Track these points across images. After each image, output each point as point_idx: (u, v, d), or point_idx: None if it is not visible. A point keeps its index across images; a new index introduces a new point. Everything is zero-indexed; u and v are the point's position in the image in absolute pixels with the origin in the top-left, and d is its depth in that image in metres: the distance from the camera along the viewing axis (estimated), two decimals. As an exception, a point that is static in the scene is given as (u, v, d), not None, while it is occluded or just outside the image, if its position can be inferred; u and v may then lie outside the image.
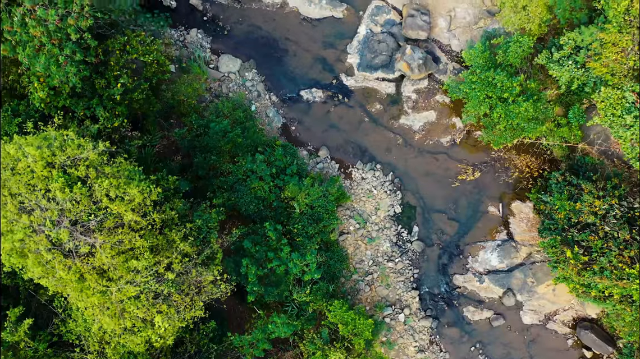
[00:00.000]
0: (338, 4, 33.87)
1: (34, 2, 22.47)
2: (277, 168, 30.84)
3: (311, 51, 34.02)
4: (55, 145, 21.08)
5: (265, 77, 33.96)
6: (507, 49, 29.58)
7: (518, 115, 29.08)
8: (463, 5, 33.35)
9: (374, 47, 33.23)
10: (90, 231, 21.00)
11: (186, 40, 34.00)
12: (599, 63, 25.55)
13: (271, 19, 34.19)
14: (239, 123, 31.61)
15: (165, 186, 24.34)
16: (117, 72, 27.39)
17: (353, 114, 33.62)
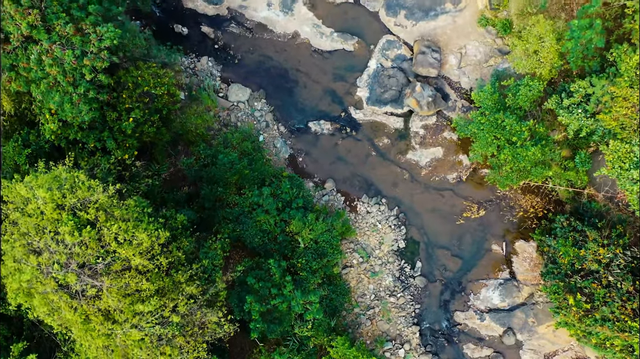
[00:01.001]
0: (349, 37, 33.94)
1: (52, 41, 22.55)
2: (283, 201, 30.93)
3: (321, 83, 34.10)
4: (65, 187, 21.17)
5: (274, 108, 34.06)
6: (517, 91, 29.67)
7: (525, 159, 29.15)
8: (474, 44, 33.43)
9: (384, 81, 33.31)
10: (97, 274, 21.09)
11: (196, 67, 34.10)
12: (609, 116, 25.63)
13: (282, 49, 34.28)
14: (247, 154, 31.71)
15: (173, 225, 24.40)
16: (129, 105, 27.50)
17: (360, 147, 33.70)
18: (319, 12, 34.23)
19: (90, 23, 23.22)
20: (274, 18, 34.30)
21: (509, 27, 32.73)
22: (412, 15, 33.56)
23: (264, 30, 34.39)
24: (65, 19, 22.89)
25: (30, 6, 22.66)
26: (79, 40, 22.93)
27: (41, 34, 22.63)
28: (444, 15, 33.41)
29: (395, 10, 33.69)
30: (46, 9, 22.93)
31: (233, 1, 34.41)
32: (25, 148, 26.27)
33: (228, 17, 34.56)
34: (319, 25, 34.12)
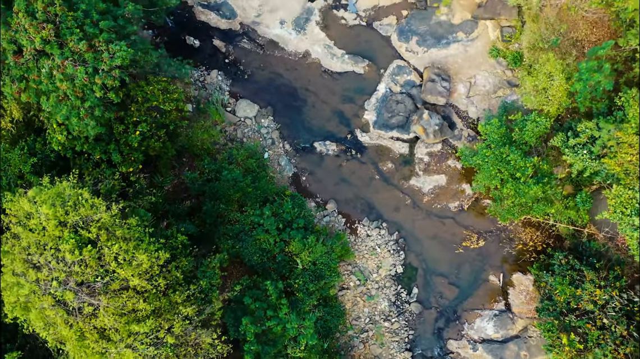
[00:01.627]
0: (360, 60, 34.02)
1: (64, 57, 22.67)
2: (284, 221, 31.04)
3: (329, 104, 34.19)
4: (69, 204, 21.29)
5: (281, 125, 34.17)
6: (523, 126, 29.70)
7: (527, 195, 29.19)
8: (484, 74, 33.48)
9: (392, 106, 33.39)
10: (95, 292, 21.22)
11: (206, 80, 34.22)
12: (614, 161, 25.66)
13: (293, 68, 34.38)
14: (251, 172, 31.82)
15: (174, 244, 24.52)
16: (137, 118, 27.63)
17: (364, 170, 33.80)
18: (331, 33, 34.32)
19: (104, 40, 23.34)
20: (286, 36, 34.40)
21: (519, 60, 32.78)
22: (424, 42, 33.63)
23: (275, 47, 34.49)
24: (79, 34, 23.01)
25: (45, 20, 22.79)
26: (91, 57, 23.05)
27: (54, 49, 22.77)
28: (455, 44, 33.47)
29: (408, 36, 33.75)
30: (60, 24, 23.05)
31: (246, 17, 34.51)
32: (31, 156, 26.40)
33: (240, 32, 34.68)
34: (330, 46, 34.22)
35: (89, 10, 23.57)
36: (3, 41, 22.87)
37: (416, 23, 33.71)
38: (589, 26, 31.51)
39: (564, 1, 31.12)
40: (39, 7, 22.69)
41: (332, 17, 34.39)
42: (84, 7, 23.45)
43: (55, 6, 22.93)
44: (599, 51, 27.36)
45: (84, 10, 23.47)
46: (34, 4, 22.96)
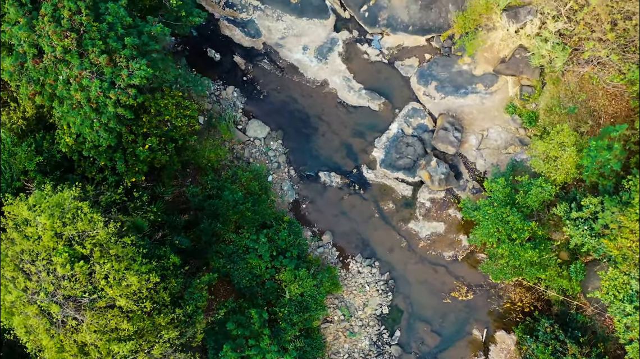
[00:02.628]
0: (377, 97, 34.00)
1: (83, 68, 22.67)
2: (278, 248, 31.09)
3: (340, 135, 34.19)
4: (67, 216, 21.32)
5: (289, 150, 34.18)
6: (528, 189, 29.68)
7: (522, 257, 29.21)
8: (497, 128, 33.45)
9: (401, 148, 33.38)
10: (81, 307, 21.26)
11: (221, 95, 34.22)
12: (613, 244, 25.66)
13: (309, 94, 34.37)
14: (252, 194, 31.83)
15: (166, 264, 24.55)
16: (147, 129, 27.64)
17: (365, 207, 33.80)
18: (352, 66, 34.30)
19: (125, 56, 23.32)
20: (306, 62, 34.39)
21: (534, 120, 32.74)
22: (443, 89, 33.61)
23: (294, 72, 34.48)
24: (100, 47, 23.00)
25: (69, 28, 22.78)
26: (110, 71, 23.04)
27: (74, 59, 22.76)
28: (473, 95, 33.44)
29: (427, 80, 33.73)
30: (84, 34, 23.04)
31: (270, 38, 34.50)
32: (38, 154, 26.43)
33: (262, 51, 34.66)
34: (349, 79, 34.20)
35: (114, 23, 23.55)
36: (25, 44, 22.86)
37: (437, 68, 33.67)
38: (608, 98, 31.51)
39: (586, 70, 31.12)
40: (65, 14, 22.67)
41: (355, 50, 34.37)
42: (110, 20, 23.43)
43: (82, 15, 22.91)
44: (611, 132, 27.36)
45: (109, 23, 23.46)
46: (61, 10, 22.94)
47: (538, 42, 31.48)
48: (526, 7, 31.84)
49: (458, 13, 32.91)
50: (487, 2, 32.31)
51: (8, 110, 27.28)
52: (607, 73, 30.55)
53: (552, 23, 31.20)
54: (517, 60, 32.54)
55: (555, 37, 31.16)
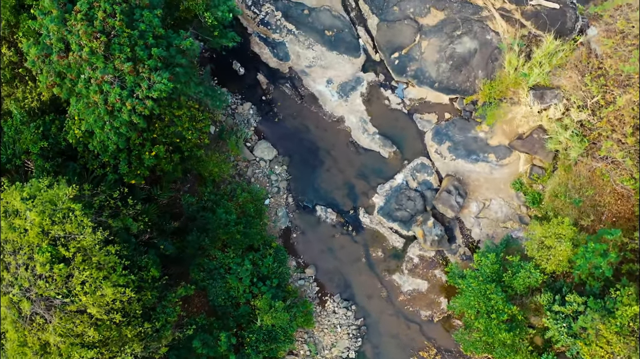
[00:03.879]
0: (389, 144, 34.00)
1: (106, 72, 22.70)
2: (260, 274, 31.13)
3: (345, 174, 34.20)
4: (57, 215, 21.38)
5: (291, 177, 34.20)
6: (517, 271, 29.65)
7: (495, 336, 29.18)
8: (500, 201, 33.43)
9: (402, 200, 33.37)
10: (51, 307, 21.33)
11: (237, 110, 34.25)
12: (588, 349, 25.62)
13: (323, 127, 34.38)
14: (246, 216, 31.85)
15: (145, 277, 24.60)
16: (156, 135, 27.66)
17: (354, 249, 33.82)
18: (371, 109, 34.32)
19: (149, 66, 23.33)
20: (327, 96, 34.40)
21: (538, 202, 32.70)
22: (455, 150, 33.59)
23: (314, 102, 34.50)
24: (127, 54, 23.02)
25: (101, 30, 22.81)
26: (132, 80, 23.07)
27: (99, 61, 22.80)
28: (483, 163, 33.41)
29: (442, 138, 33.72)
30: (114, 37, 23.07)
31: (297, 64, 34.50)
32: (43, 139, 26.47)
33: (287, 75, 34.67)
34: (365, 121, 34.21)
35: (146, 31, 23.56)
36: (54, 37, 22.91)
37: (454, 129, 33.66)
38: (615, 196, 31.46)
39: (599, 165, 31.04)
40: (100, 15, 22.70)
41: (377, 94, 34.37)
42: (142, 28, 23.43)
43: (115, 19, 22.94)
44: (606, 235, 27.35)
45: (141, 31, 23.47)
46: (96, 10, 22.97)
47: (558, 127, 31.43)
48: (554, 90, 31.79)
49: (486, 81, 32.88)
50: (516, 77, 32.27)
51: (24, 88, 27.33)
52: (619, 174, 30.46)
53: (575, 112, 31.15)
54: (534, 139, 32.50)
55: (575, 127, 31.12)
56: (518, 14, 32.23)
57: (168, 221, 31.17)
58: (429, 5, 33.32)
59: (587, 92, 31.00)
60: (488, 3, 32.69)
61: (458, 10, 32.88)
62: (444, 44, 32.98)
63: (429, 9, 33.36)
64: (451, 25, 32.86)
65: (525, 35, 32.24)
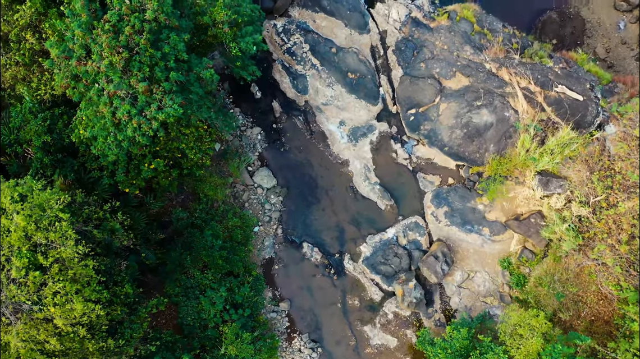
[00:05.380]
0: (387, 197, 33.94)
1: (119, 88, 22.65)
2: (234, 302, 31.09)
3: (338, 217, 34.15)
4: (44, 221, 21.33)
5: (285, 210, 34.15)
6: (485, 353, 29.50)
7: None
8: (485, 275, 33.39)
9: (389, 255, 33.33)
10: (19, 311, 21.29)
11: (245, 132, 34.19)
12: None
13: (326, 167, 34.33)
14: (233, 241, 31.81)
15: (119, 293, 24.55)
16: (159, 148, 27.62)
17: (332, 293, 33.77)
18: (377, 159, 34.26)
19: (163, 88, 23.27)
20: (337, 137, 34.34)
21: (521, 284, 32.63)
22: (451, 217, 33.53)
23: (322, 140, 34.44)
24: (146, 73, 22.97)
25: (125, 45, 22.75)
26: (144, 99, 23.01)
27: (115, 76, 22.74)
28: (476, 235, 33.34)
29: (441, 202, 33.66)
30: (136, 54, 23.01)
31: (314, 99, 34.45)
32: (48, 133, 26.43)
33: (301, 108, 34.62)
34: (369, 169, 34.15)
35: (169, 54, 23.51)
36: (77, 43, 22.85)
37: (454, 196, 33.60)
38: (599, 296, 31.38)
39: (589, 263, 30.99)
40: (127, 30, 22.64)
41: (386, 145, 34.31)
42: (166, 50, 23.37)
43: (142, 37, 22.88)
44: (576, 340, 27.32)
45: (164, 53, 23.41)
46: (124, 23, 22.91)
47: (556, 218, 31.37)
48: (560, 180, 31.72)
49: (495, 156, 32.82)
50: (525, 159, 32.21)
51: (40, 77, 27.28)
52: (607, 277, 30.41)
53: (577, 206, 31.09)
54: (531, 223, 32.42)
55: (573, 221, 31.06)
56: (541, 98, 32.15)
57: (155, 230, 31.14)
58: (456, 70, 33.24)
59: (592, 189, 30.95)
60: (514, 80, 32.62)
61: (483, 80, 32.81)
62: (462, 110, 32.92)
63: (455, 72, 33.28)
64: (473, 94, 32.79)
65: (544, 120, 32.16)
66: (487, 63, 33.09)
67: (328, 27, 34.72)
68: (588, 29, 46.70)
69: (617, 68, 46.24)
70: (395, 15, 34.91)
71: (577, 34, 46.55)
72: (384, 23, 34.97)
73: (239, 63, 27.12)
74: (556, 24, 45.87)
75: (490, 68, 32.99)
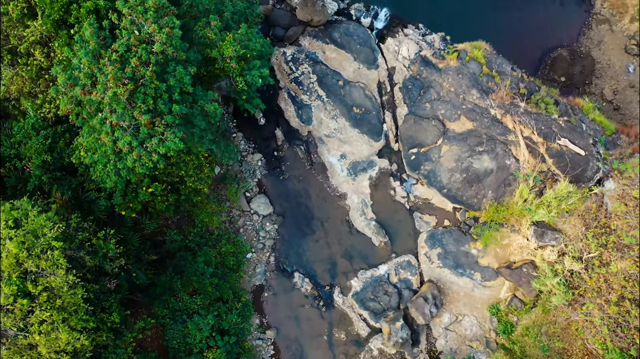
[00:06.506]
0: (382, 234, 33.98)
1: (121, 119, 22.69)
2: (221, 328, 31.13)
3: (331, 249, 34.18)
4: (36, 249, 21.37)
5: (279, 238, 34.19)
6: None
7: None
8: (473, 320, 33.43)
9: (379, 292, 33.36)
10: (3, 336, 21.34)
11: (246, 158, 34.23)
12: None
13: (324, 198, 34.37)
14: (224, 267, 31.85)
15: (106, 320, 24.59)
16: (158, 173, 27.65)
17: (319, 324, 33.81)
18: (375, 195, 34.29)
19: (166, 121, 23.30)
20: (337, 169, 34.37)
21: (508, 332, 32.68)
22: (444, 259, 33.56)
23: (322, 171, 34.47)
24: (150, 105, 23.00)
25: (130, 76, 22.78)
26: (145, 132, 23.05)
27: (119, 106, 22.77)
28: (467, 279, 33.38)
29: (435, 243, 33.69)
30: (141, 86, 23.03)
31: (317, 130, 34.48)
32: (48, 151, 26.48)
33: (304, 138, 34.65)
34: (366, 205, 34.18)
35: (174, 86, 23.54)
36: (83, 71, 22.89)
37: (449, 238, 33.63)
38: (584, 352, 31.43)
39: (577, 319, 31.02)
40: (133, 62, 22.68)
41: (385, 182, 34.34)
42: (172, 83, 23.41)
43: (148, 69, 22.91)
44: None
45: (169, 85, 23.45)
46: (131, 54, 22.94)
47: (548, 271, 31.41)
48: (555, 232, 31.75)
49: (493, 203, 32.85)
50: (522, 209, 32.23)
51: (45, 94, 27.33)
52: (594, 334, 30.44)
53: (569, 261, 31.12)
54: (522, 273, 32.44)
55: (565, 275, 31.09)
56: (543, 149, 32.17)
57: (148, 250, 31.20)
58: (461, 113, 33.26)
59: (586, 245, 30.97)
60: (517, 128, 32.63)
61: (487, 126, 32.83)
62: (463, 154, 32.94)
63: (460, 116, 33.30)
64: (476, 138, 32.81)
65: (544, 172, 32.18)
66: (492, 109, 33.10)
67: (337, 59, 34.74)
68: (597, 70, 46.67)
69: (623, 111, 46.21)
70: (405, 52, 34.91)
71: (586, 74, 46.50)
72: (393, 59, 34.98)
73: (244, 97, 27.16)
74: (566, 62, 45.84)
75: (495, 114, 32.99)
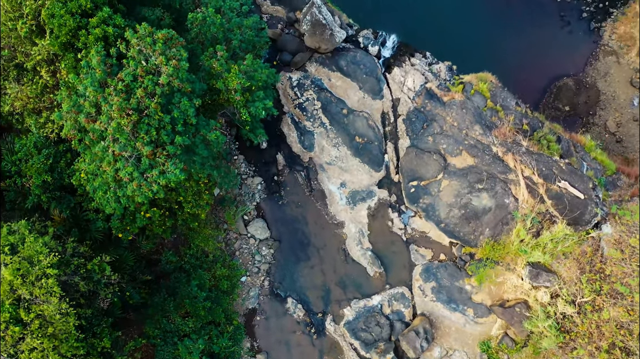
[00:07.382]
0: (377, 264, 34.04)
1: (124, 149, 22.73)
2: (211, 352, 31.17)
3: (326, 277, 34.25)
4: (30, 277, 21.42)
5: (275, 263, 34.26)
6: None
7: None
8: (463, 355, 33.49)
9: (371, 323, 33.43)
10: (-5, 361, 21.42)
11: (246, 181, 34.29)
12: None
13: (321, 226, 34.42)
14: (218, 290, 31.90)
15: (96, 345, 24.65)
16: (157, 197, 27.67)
17: (309, 352, 33.87)
18: (372, 225, 34.35)
19: (167, 152, 23.33)
20: (336, 198, 34.43)
21: (498, 369, 32.77)
22: (438, 293, 33.61)
23: (321, 199, 34.52)
24: (153, 136, 23.04)
25: (135, 108, 22.82)
26: (147, 163, 23.09)
27: (122, 137, 22.82)
28: (460, 315, 33.44)
29: (429, 277, 33.75)
30: (145, 117, 23.07)
31: (318, 157, 34.53)
32: (49, 171, 26.53)
33: (305, 164, 34.70)
34: (363, 234, 34.24)
35: (178, 118, 23.59)
36: (88, 100, 22.94)
37: (444, 273, 33.70)
38: (572, 395, 31.44)
39: (567, 362, 31.04)
40: (139, 93, 22.72)
41: (383, 213, 34.40)
42: (175, 115, 23.45)
43: (153, 100, 22.95)
44: None
45: (173, 117, 23.49)
46: (137, 84, 22.97)
47: (541, 313, 31.46)
48: (550, 274, 31.80)
49: (489, 240, 32.89)
50: (519, 249, 32.28)
51: (50, 113, 27.36)
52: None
53: (562, 304, 31.18)
54: (515, 312, 32.49)
55: (557, 318, 31.14)
56: (542, 190, 32.22)
57: (143, 269, 31.29)
58: (463, 148, 33.31)
59: (580, 290, 31.02)
60: (518, 168, 32.68)
61: (488, 163, 32.87)
62: (463, 190, 32.99)
63: (461, 151, 33.36)
64: (476, 175, 32.86)
65: (542, 212, 32.23)
66: (494, 146, 33.15)
67: (342, 87, 34.79)
68: (602, 101, 46.74)
69: (625, 144, 46.27)
70: (411, 83, 34.95)
71: (591, 104, 46.57)
72: (398, 91, 35.03)
73: (247, 127, 27.22)
74: (571, 91, 45.96)
75: (497, 152, 33.04)
